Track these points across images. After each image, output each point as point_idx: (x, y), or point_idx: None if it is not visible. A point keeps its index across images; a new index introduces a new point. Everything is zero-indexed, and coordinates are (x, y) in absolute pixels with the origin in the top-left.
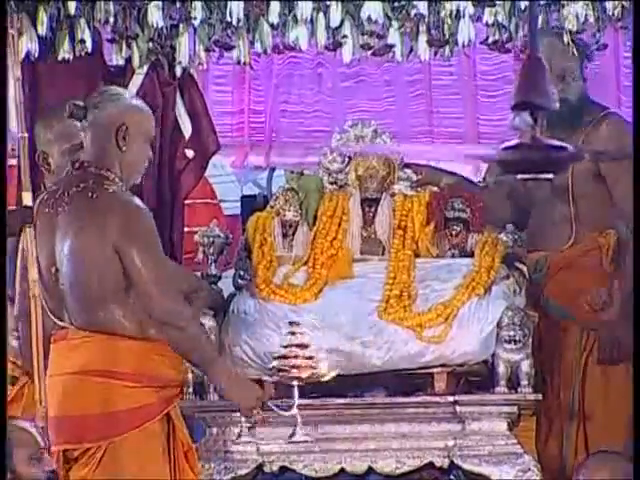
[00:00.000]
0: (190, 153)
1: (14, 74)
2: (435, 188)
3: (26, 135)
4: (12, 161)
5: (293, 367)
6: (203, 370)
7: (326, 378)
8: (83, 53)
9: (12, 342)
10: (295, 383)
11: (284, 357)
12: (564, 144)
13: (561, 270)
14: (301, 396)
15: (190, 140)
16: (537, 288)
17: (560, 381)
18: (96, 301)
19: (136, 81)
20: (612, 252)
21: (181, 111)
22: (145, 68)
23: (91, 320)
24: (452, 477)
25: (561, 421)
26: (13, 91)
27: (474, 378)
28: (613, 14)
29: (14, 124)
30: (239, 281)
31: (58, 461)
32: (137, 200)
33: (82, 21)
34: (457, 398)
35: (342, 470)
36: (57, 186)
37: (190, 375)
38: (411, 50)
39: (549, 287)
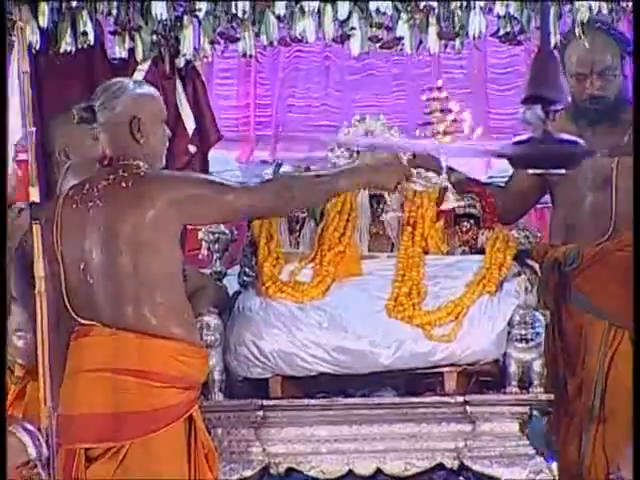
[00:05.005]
0: (192, 148)
1: (21, 67)
2: (445, 183)
3: (33, 130)
4: (22, 156)
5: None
6: (336, 189)
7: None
8: (85, 45)
9: (17, 343)
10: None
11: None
12: (576, 139)
13: (595, 264)
14: (308, 396)
15: (193, 135)
16: (564, 280)
17: (582, 379)
18: (128, 295)
19: (137, 77)
20: None
21: (184, 105)
22: (147, 65)
23: (119, 316)
24: (462, 479)
25: (581, 421)
26: (20, 85)
27: (485, 378)
28: (627, 6)
29: (18, 119)
30: (244, 278)
31: (79, 459)
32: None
33: (84, 13)
34: (468, 398)
35: (350, 472)
36: (83, 182)
37: None
38: (420, 43)
39: (580, 280)
